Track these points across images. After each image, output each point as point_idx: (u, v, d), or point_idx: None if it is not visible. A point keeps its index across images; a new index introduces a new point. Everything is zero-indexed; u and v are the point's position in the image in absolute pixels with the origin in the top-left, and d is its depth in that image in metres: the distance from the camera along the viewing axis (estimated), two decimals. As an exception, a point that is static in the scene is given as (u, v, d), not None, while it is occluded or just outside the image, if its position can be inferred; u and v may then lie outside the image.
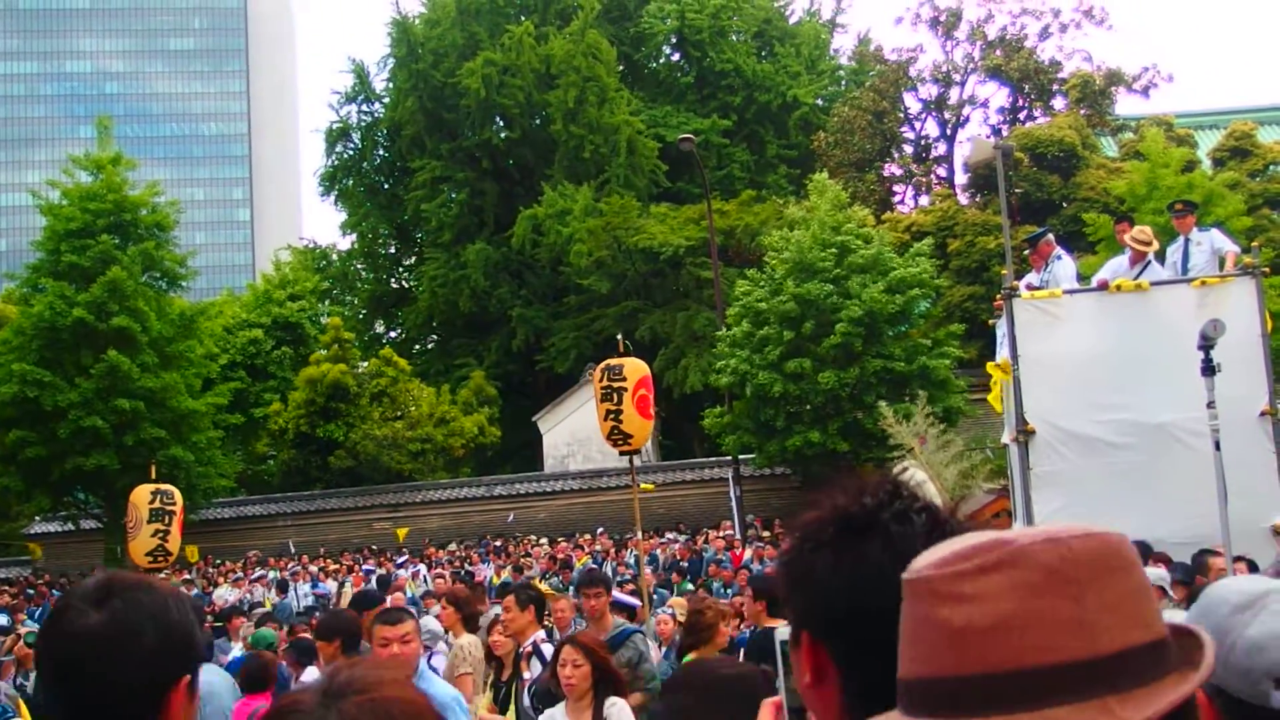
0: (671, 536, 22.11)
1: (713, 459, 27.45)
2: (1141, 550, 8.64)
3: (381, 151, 40.60)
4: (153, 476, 11.88)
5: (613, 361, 9.79)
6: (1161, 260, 10.78)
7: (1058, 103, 31.92)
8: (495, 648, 6.62)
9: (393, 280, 41.53)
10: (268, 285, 38.19)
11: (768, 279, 22.07)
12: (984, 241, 26.31)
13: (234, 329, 34.60)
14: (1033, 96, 32.51)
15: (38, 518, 28.78)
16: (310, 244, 41.36)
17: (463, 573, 18.36)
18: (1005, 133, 31.04)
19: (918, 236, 25.08)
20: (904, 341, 20.99)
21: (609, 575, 14.07)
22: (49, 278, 25.28)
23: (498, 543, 23.47)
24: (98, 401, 23.87)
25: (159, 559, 11.01)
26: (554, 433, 29.93)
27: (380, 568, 21.13)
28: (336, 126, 39.81)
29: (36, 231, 27.84)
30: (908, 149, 34.60)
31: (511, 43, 36.04)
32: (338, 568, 21.93)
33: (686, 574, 17.05)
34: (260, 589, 20.07)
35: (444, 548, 24.16)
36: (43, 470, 24.47)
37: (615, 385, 9.60)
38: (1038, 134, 27.97)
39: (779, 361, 20.72)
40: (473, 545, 23.91)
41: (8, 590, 22.97)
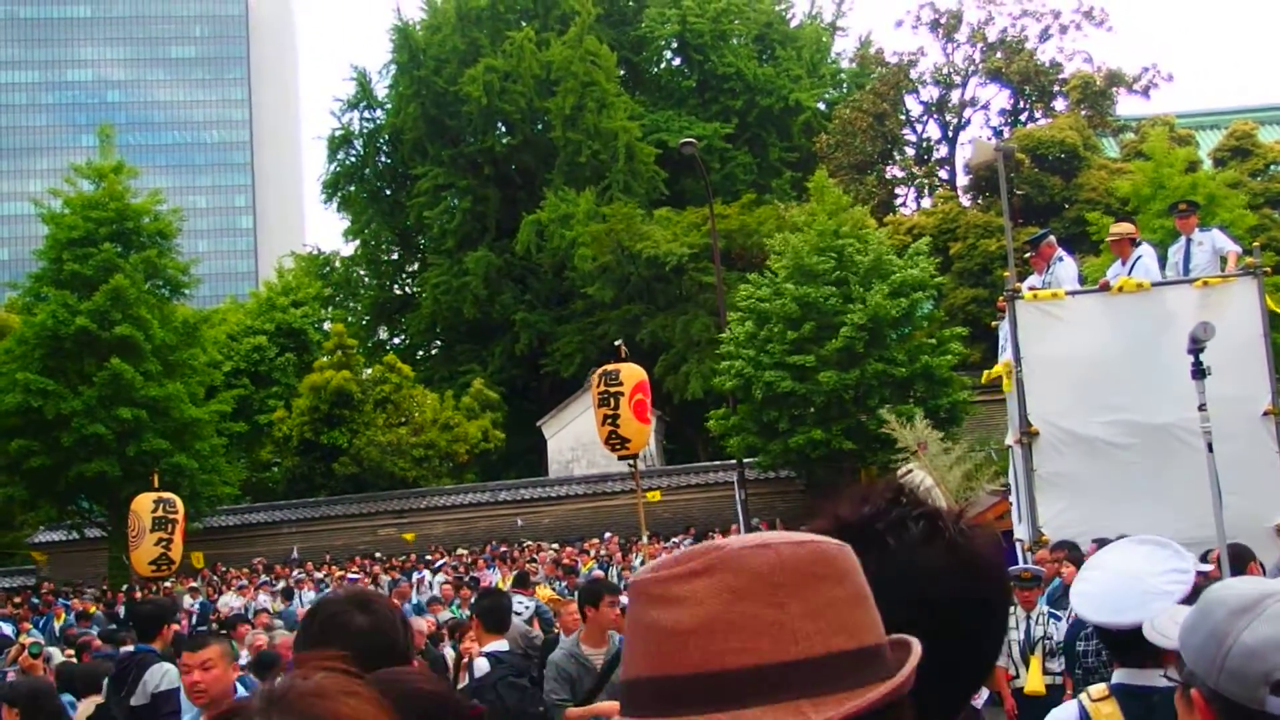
0: (676, 540, 22.09)
1: (717, 463, 27.45)
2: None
3: (384, 158, 40.67)
4: (156, 485, 11.89)
5: (609, 367, 9.84)
6: (1163, 261, 10.78)
7: (1058, 104, 31.95)
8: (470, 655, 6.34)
9: (396, 286, 41.58)
10: (270, 292, 38.23)
11: (769, 281, 22.08)
12: (986, 244, 26.32)
13: (237, 336, 34.63)
14: (1033, 98, 32.53)
15: (42, 527, 28.80)
16: (313, 250, 41.43)
17: (467, 579, 18.33)
18: (1006, 134, 31.05)
19: (920, 239, 25.11)
20: (907, 344, 20.99)
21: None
22: (51, 286, 25.30)
23: (503, 549, 23.47)
24: (100, 410, 23.88)
25: (162, 567, 11.03)
26: (558, 438, 29.93)
27: (384, 574, 21.15)
28: (338, 133, 39.89)
29: (38, 240, 27.88)
30: (909, 151, 34.63)
31: (512, 49, 36.10)
32: (341, 574, 21.94)
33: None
34: (265, 596, 20.07)
35: (451, 552, 24.19)
36: (47, 479, 24.48)
37: (612, 390, 9.64)
38: (1039, 135, 27.98)
39: (782, 359, 20.73)
40: (478, 551, 23.90)
41: (12, 600, 23.01)
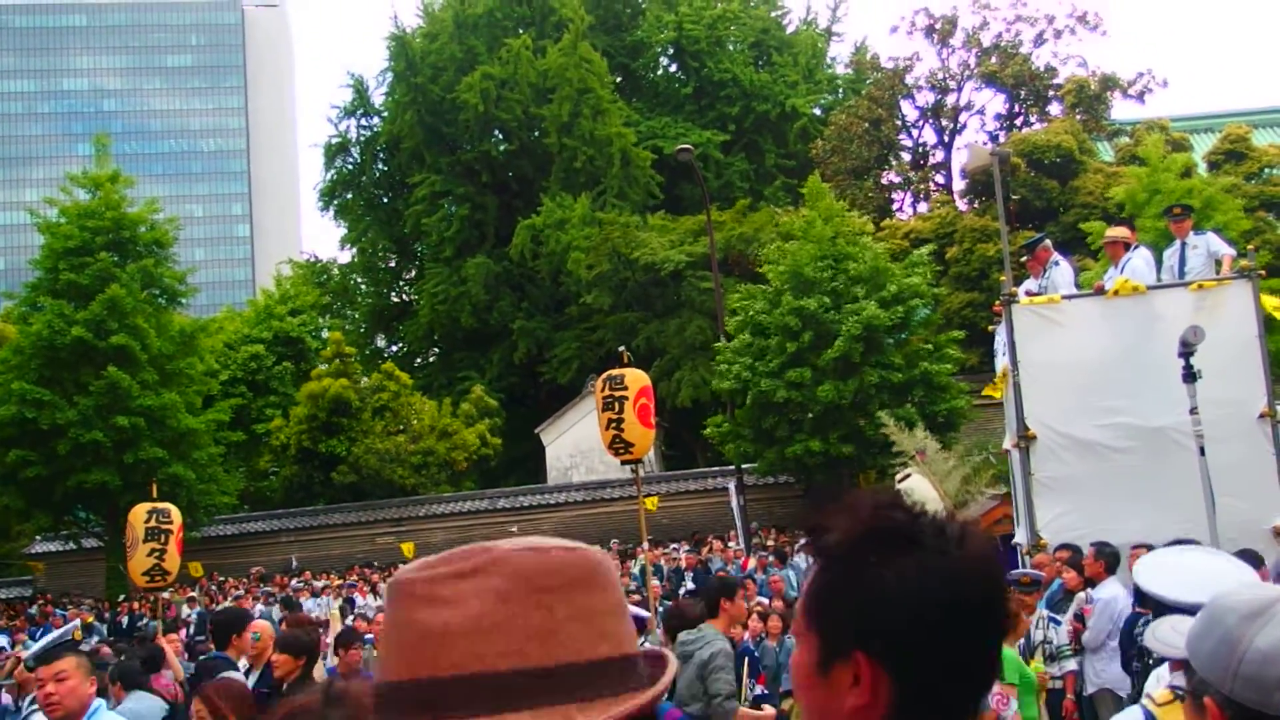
0: (675, 547, 22.09)
1: (715, 468, 27.43)
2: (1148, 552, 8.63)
3: (380, 165, 40.70)
4: (154, 495, 11.85)
5: (614, 372, 9.87)
6: (1158, 264, 10.81)
7: (1054, 108, 32.02)
8: None
9: (393, 294, 41.58)
10: (268, 300, 38.20)
11: (765, 292, 22.09)
12: (983, 248, 26.34)
13: (235, 344, 34.60)
14: (1029, 102, 32.61)
15: (39, 537, 28.74)
16: (310, 258, 41.42)
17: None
18: (1002, 139, 31.13)
19: (917, 244, 25.12)
20: (904, 349, 21.00)
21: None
22: (48, 296, 25.26)
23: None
24: (97, 419, 23.85)
25: (156, 578, 10.97)
26: (557, 444, 29.92)
27: (383, 582, 21.09)
28: (335, 141, 39.92)
29: (34, 250, 27.85)
30: (905, 156, 34.69)
31: (509, 56, 36.16)
32: (340, 582, 21.92)
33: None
34: (262, 606, 20.03)
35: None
36: (43, 489, 24.43)
37: (616, 395, 9.65)
38: (1035, 140, 28.03)
39: (779, 371, 20.74)
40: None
41: (9, 611, 22.96)
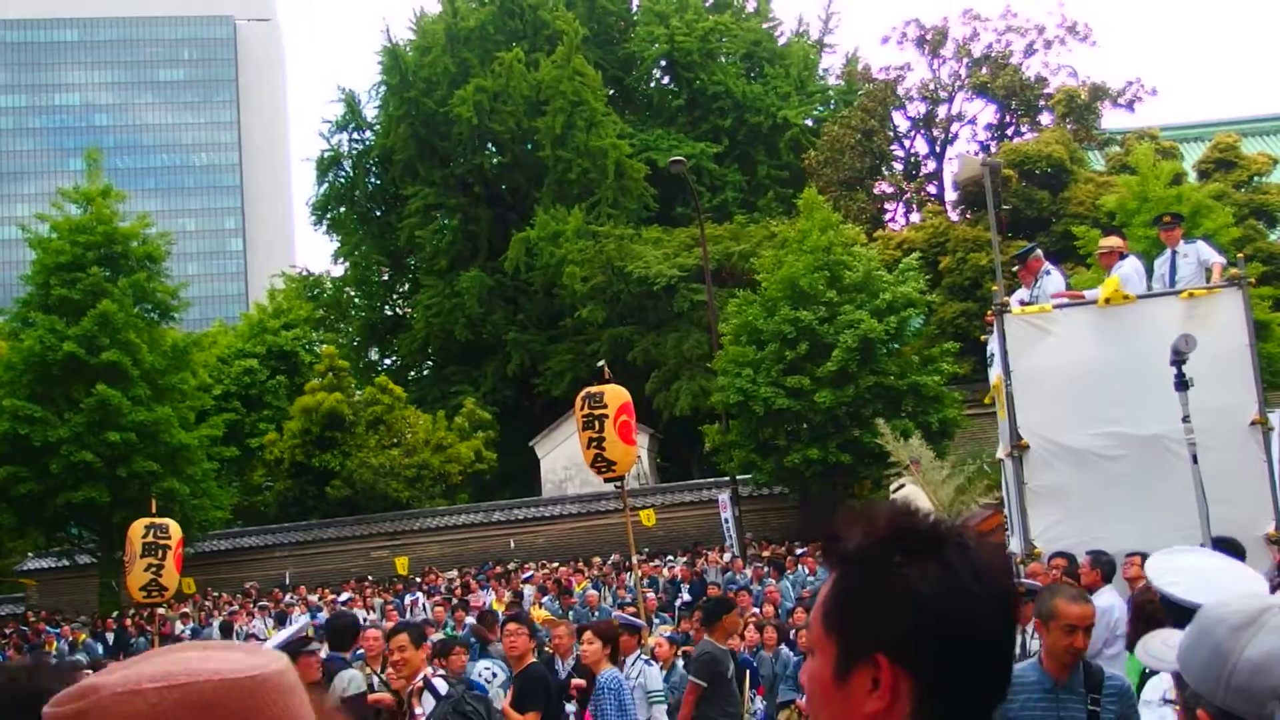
0: (670, 559, 22.05)
1: (710, 480, 27.42)
2: (1143, 561, 8.64)
3: (373, 179, 40.70)
4: (153, 511, 11.84)
5: (593, 389, 9.77)
6: (1149, 273, 10.85)
7: (1044, 118, 32.16)
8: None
9: (387, 308, 41.52)
10: (261, 314, 38.15)
11: (761, 299, 22.13)
12: (975, 258, 26.42)
13: (228, 359, 34.54)
14: (1019, 113, 32.75)
15: (31, 554, 28.60)
16: (303, 272, 41.38)
17: (455, 600, 18.25)
18: (993, 149, 31.24)
19: (909, 254, 25.19)
20: (898, 359, 21.05)
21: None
22: (39, 311, 25.21)
23: (499, 569, 23.38)
24: (89, 435, 23.76)
25: (153, 593, 10.95)
26: (551, 457, 29.88)
27: (377, 596, 21.04)
28: (328, 155, 39.92)
29: (26, 265, 27.79)
30: (897, 167, 34.80)
31: (502, 69, 36.23)
32: (334, 597, 21.84)
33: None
34: (259, 621, 19.96)
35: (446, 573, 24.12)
36: (35, 506, 24.32)
37: (596, 413, 9.58)
38: (1025, 150, 28.15)
39: (779, 378, 20.78)
40: (472, 572, 23.81)
41: (2, 629, 22.81)
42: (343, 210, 40.21)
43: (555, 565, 23.11)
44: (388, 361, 40.40)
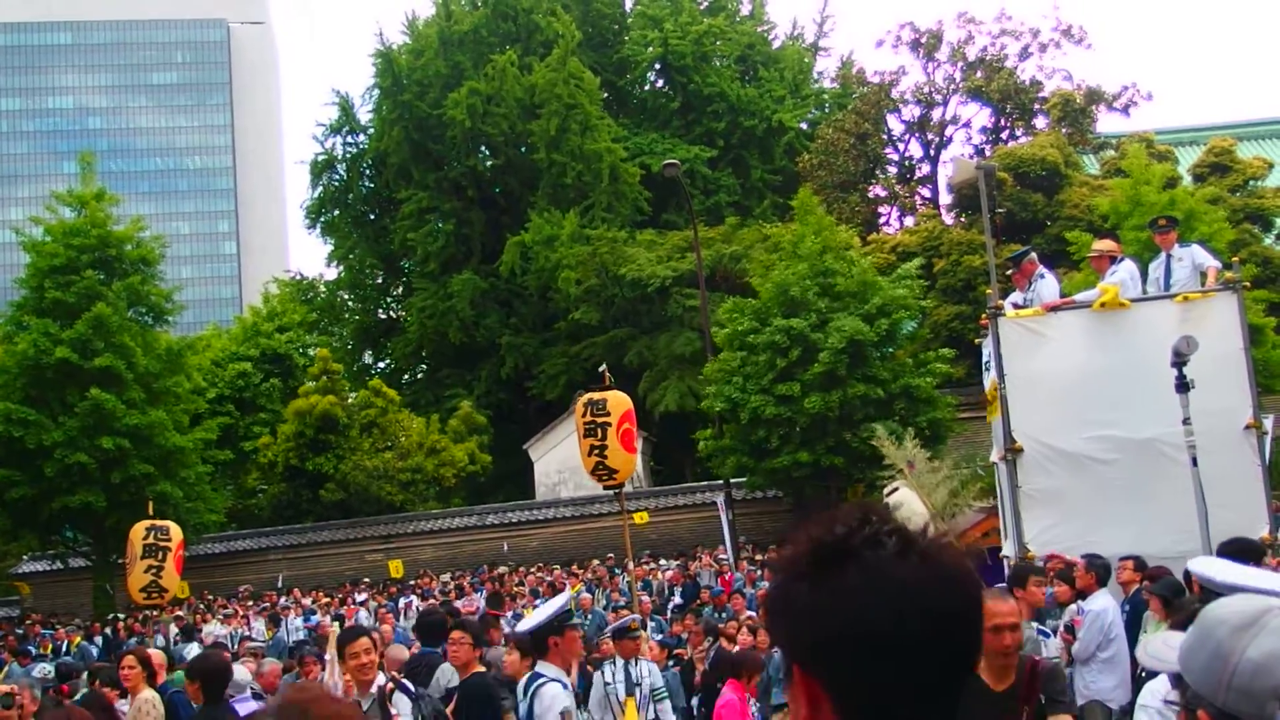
0: (664, 563, 22.03)
1: (704, 483, 27.41)
2: (1137, 565, 8.64)
3: (367, 182, 40.65)
4: (150, 513, 11.82)
5: (595, 396, 9.62)
6: (1144, 276, 10.86)
7: (1039, 122, 32.22)
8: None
9: (380, 311, 41.47)
10: (255, 318, 38.09)
11: (753, 308, 22.11)
12: (970, 260, 26.44)
13: (222, 362, 34.47)
14: (1014, 116, 32.80)
15: (25, 557, 28.51)
16: (297, 276, 41.32)
17: (441, 605, 18.17)
18: (988, 152, 31.30)
19: (904, 257, 25.20)
20: (890, 363, 21.05)
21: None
22: (33, 315, 25.14)
23: (494, 572, 23.34)
24: (83, 439, 23.70)
25: (153, 595, 10.93)
26: (545, 460, 29.85)
27: (371, 600, 21.00)
28: (321, 158, 39.86)
29: (19, 269, 27.72)
30: (892, 170, 34.84)
31: (495, 72, 36.22)
32: (330, 600, 21.80)
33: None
34: (255, 623, 19.93)
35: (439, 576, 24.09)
36: (30, 509, 24.25)
37: (599, 420, 9.45)
38: (1020, 153, 28.19)
39: (769, 386, 20.79)
40: (465, 576, 23.77)
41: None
42: (337, 213, 40.16)
43: (555, 568, 23.11)
44: (381, 365, 40.34)
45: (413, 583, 23.46)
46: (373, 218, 40.37)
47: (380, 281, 41.58)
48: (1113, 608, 8.12)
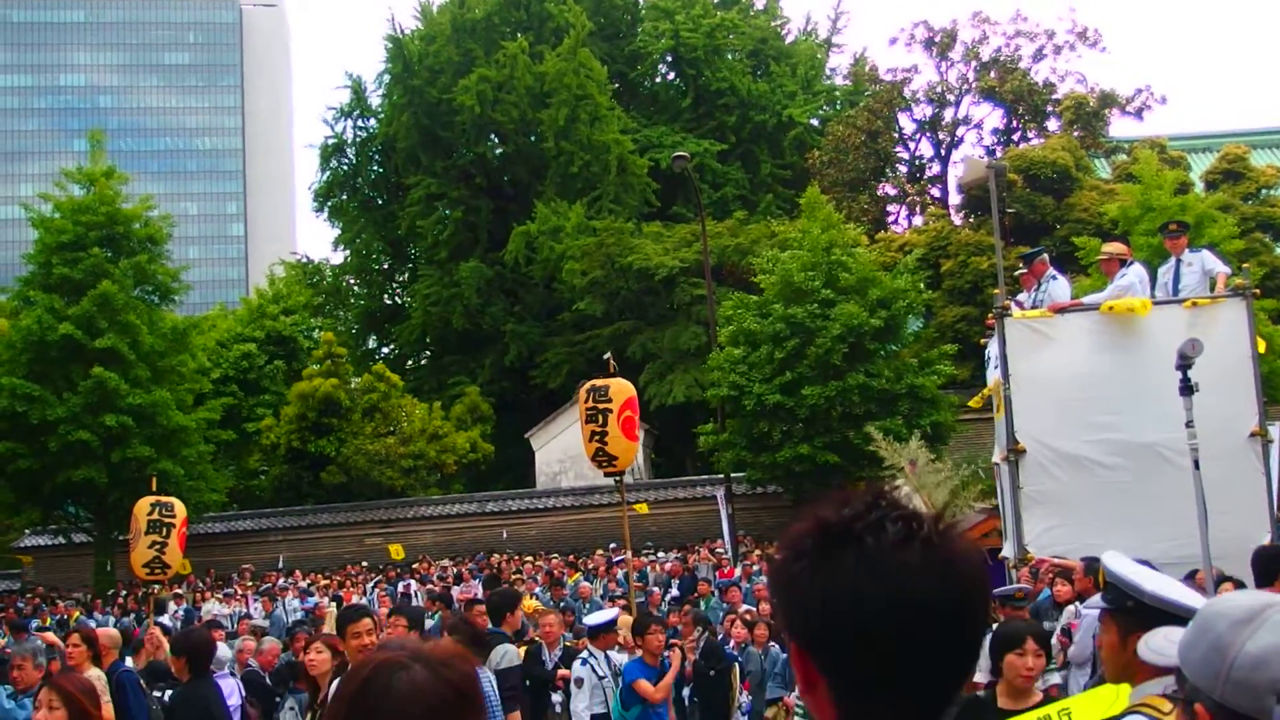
0: (661, 555, 22.05)
1: (704, 476, 27.43)
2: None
3: (376, 167, 40.64)
4: (153, 489, 11.85)
5: (598, 382, 9.63)
6: (1153, 281, 10.83)
7: (1051, 124, 32.14)
8: (312, 668, 6.20)
9: (386, 296, 41.49)
10: (261, 299, 38.11)
11: (757, 302, 22.10)
12: (977, 262, 26.41)
13: (227, 343, 34.49)
14: (1026, 118, 32.72)
15: (28, 530, 28.61)
16: (303, 259, 41.33)
17: (439, 590, 18.21)
18: (999, 154, 31.22)
19: (909, 254, 25.17)
20: (894, 362, 21.04)
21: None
22: (39, 290, 25.17)
23: (493, 560, 23.39)
24: (86, 416, 23.75)
25: (156, 571, 10.96)
26: (546, 449, 29.88)
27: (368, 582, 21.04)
28: (331, 142, 39.85)
29: (28, 245, 27.74)
30: (902, 169, 34.77)
31: (506, 60, 36.17)
32: (328, 583, 21.85)
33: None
34: (254, 603, 20.03)
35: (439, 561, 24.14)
36: (33, 483, 24.33)
37: (601, 406, 9.47)
38: (1031, 155, 28.12)
39: (771, 377, 20.79)
40: (466, 563, 23.81)
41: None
42: (344, 198, 40.17)
43: (554, 558, 23.15)
44: (385, 350, 40.35)
45: (414, 566, 23.52)
46: (380, 203, 40.37)
47: (386, 267, 41.60)
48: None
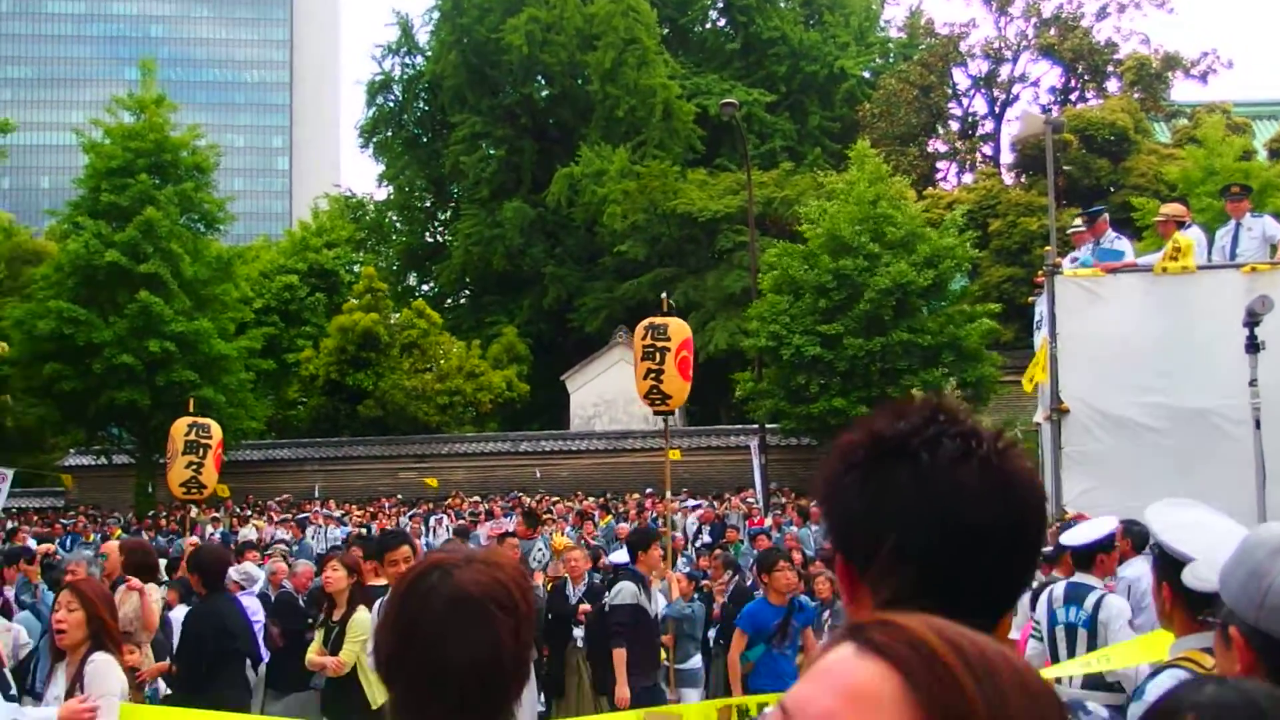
0: (692, 502, 22.14)
1: (739, 426, 27.42)
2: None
3: (422, 105, 40.56)
4: (190, 410, 12.05)
5: (657, 320, 9.51)
6: (1210, 244, 10.56)
7: (1111, 85, 31.32)
8: (328, 584, 6.59)
9: (427, 234, 41.62)
10: (304, 232, 38.36)
11: (802, 252, 21.89)
12: (1026, 223, 25.94)
13: (270, 274, 34.82)
14: (1085, 77, 31.90)
15: (71, 450, 29.26)
16: (347, 193, 41.50)
17: (456, 526, 18.45)
18: (1055, 113, 30.49)
19: (955, 210, 24.78)
20: (938, 316, 20.82)
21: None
22: (87, 216, 25.48)
23: (526, 499, 23.61)
24: (131, 340, 24.15)
25: (192, 491, 11.18)
26: (581, 392, 29.99)
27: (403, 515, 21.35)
28: (378, 78, 39.79)
29: (78, 171, 28.04)
30: (954, 125, 34.11)
31: (555, 0, 35.77)
32: (362, 513, 22.20)
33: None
34: (284, 529, 20.39)
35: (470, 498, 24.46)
36: (77, 404, 24.83)
37: (659, 345, 9.36)
38: (1089, 116, 27.46)
39: (812, 327, 20.65)
40: (498, 500, 24.06)
41: (42, 519, 23.45)
42: (390, 134, 40.17)
43: (587, 499, 23.32)
44: (425, 287, 40.58)
45: (446, 501, 23.81)
46: (425, 140, 40.33)
47: (429, 205, 41.67)
48: (1147, 575, 8.02)
